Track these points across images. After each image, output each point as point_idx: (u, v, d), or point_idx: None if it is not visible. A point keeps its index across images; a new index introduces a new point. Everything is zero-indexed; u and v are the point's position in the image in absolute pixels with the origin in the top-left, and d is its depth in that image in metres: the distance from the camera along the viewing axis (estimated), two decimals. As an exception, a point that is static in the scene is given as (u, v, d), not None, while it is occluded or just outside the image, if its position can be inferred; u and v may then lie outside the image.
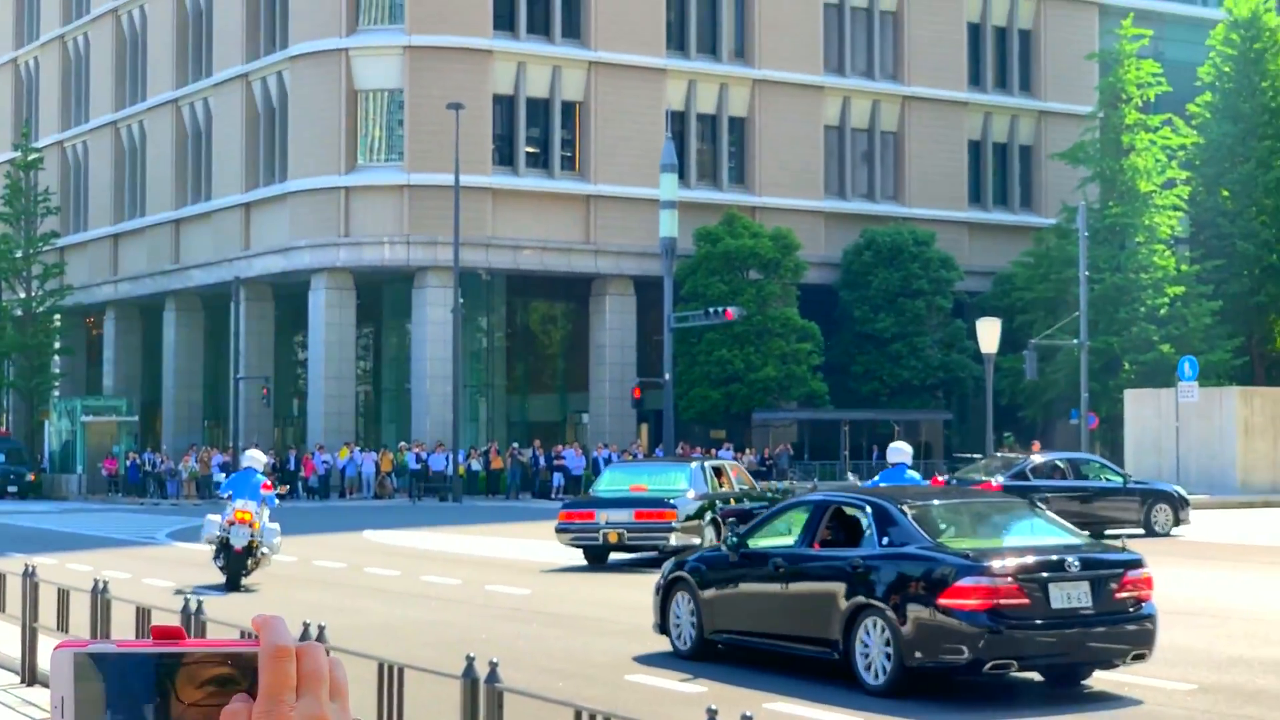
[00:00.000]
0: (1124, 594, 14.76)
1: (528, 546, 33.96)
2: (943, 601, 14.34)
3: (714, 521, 28.10)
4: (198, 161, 71.58)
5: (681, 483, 29.24)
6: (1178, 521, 36.89)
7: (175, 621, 13.99)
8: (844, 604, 15.22)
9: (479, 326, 67.41)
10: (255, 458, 26.52)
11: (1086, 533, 19.30)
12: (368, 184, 63.30)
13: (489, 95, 63.40)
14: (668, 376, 53.02)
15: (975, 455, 49.97)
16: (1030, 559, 14.66)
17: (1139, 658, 14.92)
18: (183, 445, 68.28)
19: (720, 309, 53.47)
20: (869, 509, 15.86)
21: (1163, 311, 63.52)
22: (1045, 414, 67.02)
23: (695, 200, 64.39)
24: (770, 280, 63.03)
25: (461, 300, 58.67)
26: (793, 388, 63.26)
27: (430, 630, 20.08)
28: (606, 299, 65.73)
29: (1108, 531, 34.22)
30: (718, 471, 30.83)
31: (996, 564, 14.48)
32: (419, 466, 60.58)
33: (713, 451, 57.11)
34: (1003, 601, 14.26)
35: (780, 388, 62.99)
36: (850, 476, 58.08)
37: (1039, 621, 14.36)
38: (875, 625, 14.90)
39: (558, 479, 60.98)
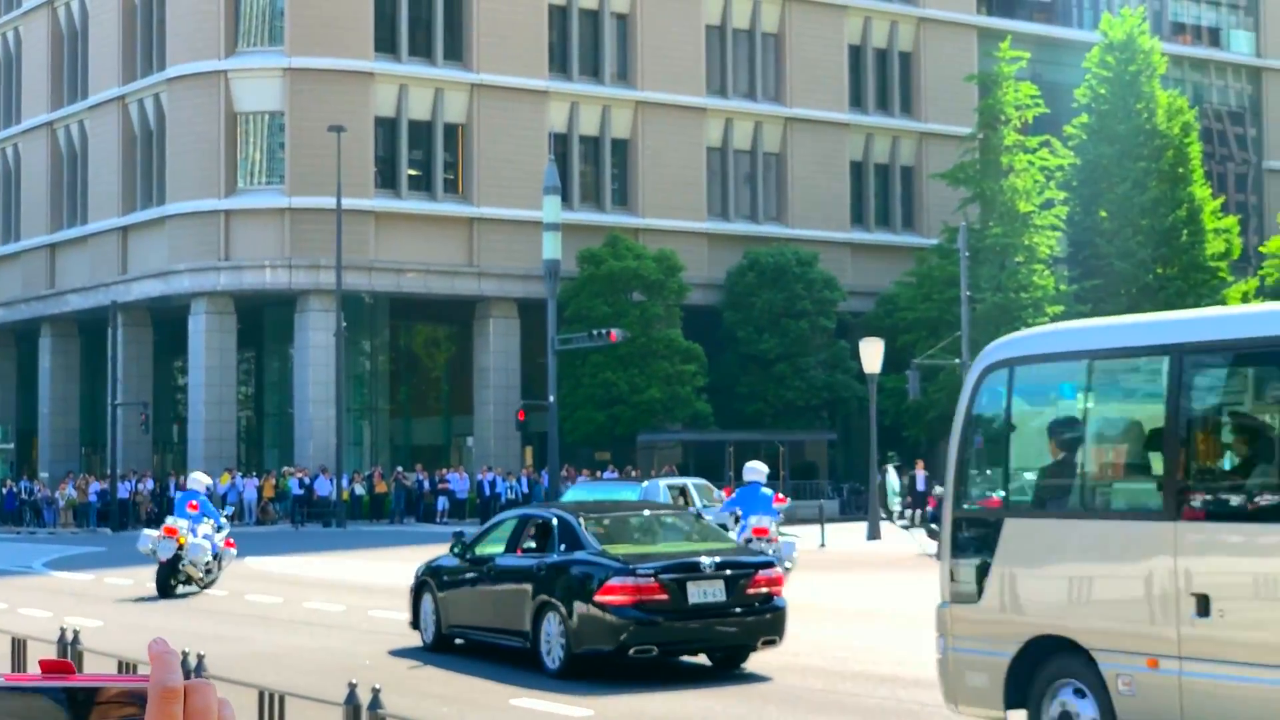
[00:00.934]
0: (755, 590, 17.61)
1: (412, 571, 33.63)
2: (598, 598, 17.39)
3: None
4: (73, 185, 70.60)
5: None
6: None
7: (52, 652, 13.64)
8: (532, 601, 18.31)
9: (362, 350, 66.94)
10: (197, 480, 30.15)
11: (735, 540, 22.74)
12: (248, 207, 62.67)
13: (370, 118, 63.01)
14: (552, 399, 52.83)
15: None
16: (671, 562, 17.77)
17: (769, 643, 17.78)
18: (60, 473, 67.20)
19: (604, 331, 53.37)
20: (555, 520, 19.03)
21: (1042, 330, 64.10)
22: (929, 433, 67.44)
23: (579, 222, 64.30)
24: (654, 302, 63.05)
25: (344, 324, 58.21)
26: (677, 409, 63.30)
27: (313, 657, 19.80)
28: (490, 322, 65.48)
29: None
30: (681, 491, 34.53)
31: (641, 567, 17.49)
32: (302, 492, 59.99)
33: (671, 467, 57.76)
34: (645, 598, 17.28)
35: (665, 409, 63.01)
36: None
37: (677, 614, 17.37)
38: (554, 619, 17.92)
39: (442, 503, 60.65)
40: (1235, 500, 11.34)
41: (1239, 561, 11.07)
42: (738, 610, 17.55)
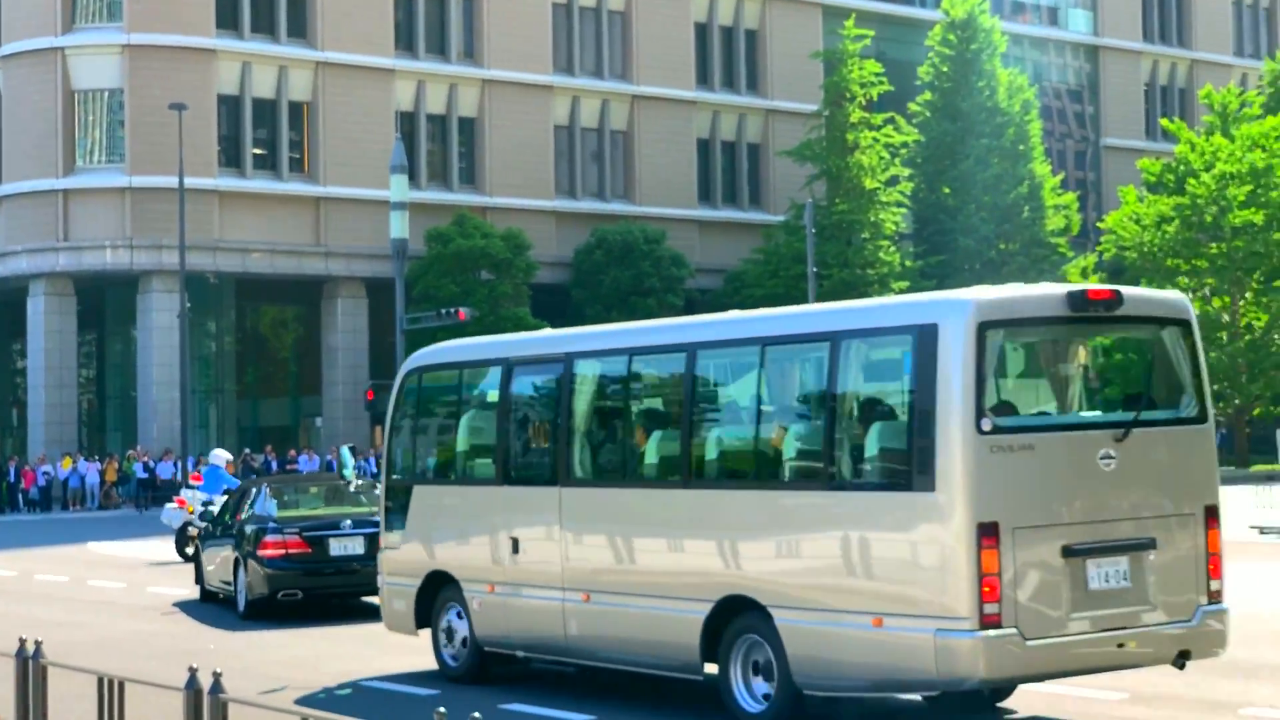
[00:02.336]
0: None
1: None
2: (259, 553, 22.11)
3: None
4: (-93, 165, 68.93)
5: None
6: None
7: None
8: (231, 556, 22.83)
9: (207, 331, 66.07)
10: (216, 455, 34.98)
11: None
12: (87, 187, 61.57)
13: (213, 95, 62.12)
14: (401, 378, 52.42)
15: None
16: (317, 522, 22.65)
17: None
18: (-104, 459, 65.69)
19: (452, 310, 53.00)
20: (252, 490, 24.32)
21: (888, 306, 64.69)
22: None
23: (426, 201, 63.88)
24: (502, 281, 62.86)
25: (188, 305, 57.36)
26: (527, 388, 63.07)
27: (155, 642, 19.54)
28: (338, 301, 64.93)
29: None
30: None
31: (289, 527, 22.29)
32: (146, 475, 59.15)
33: None
34: (291, 551, 22.06)
35: (515, 388, 62.74)
36: None
37: (320, 565, 22.16)
38: (242, 569, 22.42)
39: (291, 485, 60.05)
40: (530, 472, 15.77)
41: (530, 514, 15.36)
42: (371, 563, 20.24)
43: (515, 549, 15.39)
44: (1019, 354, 13.00)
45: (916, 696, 13.79)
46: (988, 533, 11.62)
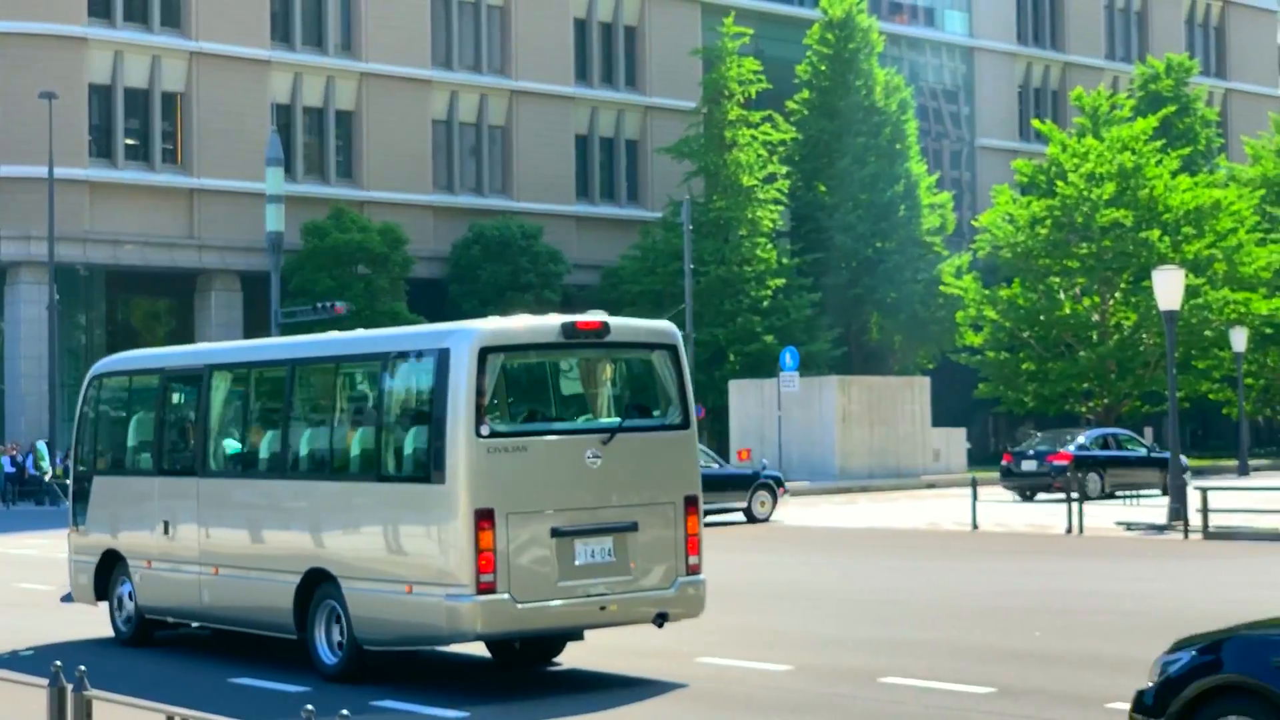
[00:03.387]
0: None
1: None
2: None
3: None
4: None
5: None
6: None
7: None
8: None
9: (77, 324, 65.12)
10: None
11: None
12: (-45, 176, 60.52)
13: (84, 85, 61.24)
14: (275, 373, 51.97)
15: None
16: None
17: None
18: None
19: (329, 304, 52.74)
20: None
21: (766, 303, 65.09)
22: (653, 405, 67.94)
23: (302, 194, 63.40)
24: (379, 275, 62.50)
25: (57, 297, 56.58)
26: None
27: (22, 638, 19.25)
28: (212, 295, 64.27)
29: (711, 519, 34.84)
30: None
31: None
32: (14, 469, 58.20)
33: None
34: None
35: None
36: None
37: None
38: None
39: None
40: (177, 464, 18.37)
41: (177, 501, 17.88)
42: None
43: (166, 530, 17.99)
44: (520, 373, 15.53)
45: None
46: (484, 517, 14.15)
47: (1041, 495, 44.40)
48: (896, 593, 22.45)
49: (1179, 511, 31.95)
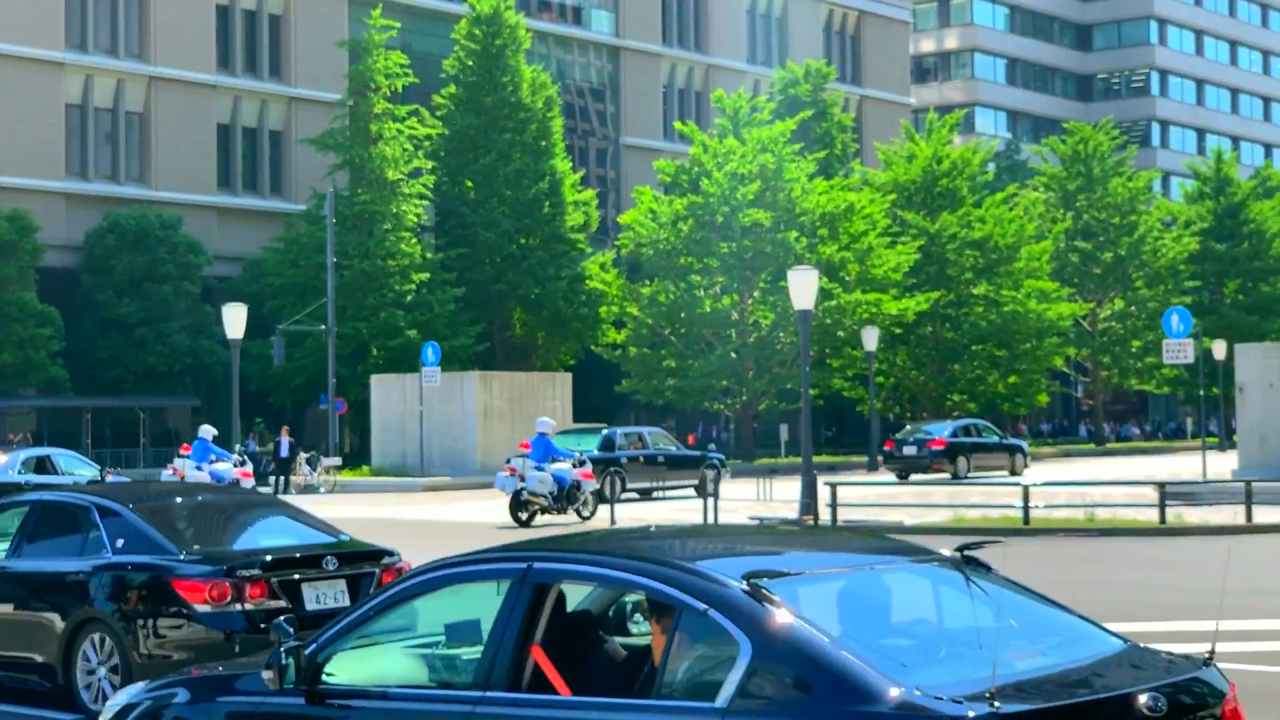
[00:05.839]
0: None
1: None
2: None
3: None
4: None
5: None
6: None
7: None
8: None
9: None
10: (204, 430, 42.39)
11: None
12: None
13: None
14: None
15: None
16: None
17: None
18: None
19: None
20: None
21: (409, 298, 64.70)
22: (295, 399, 67.03)
23: (-76, 177, 60.74)
24: (6, 263, 60.20)
25: None
26: (31, 374, 60.73)
27: None
28: None
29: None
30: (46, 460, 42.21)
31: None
32: None
33: (26, 435, 54.66)
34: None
35: (18, 374, 60.35)
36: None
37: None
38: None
39: None
40: None
41: None
42: None
43: None
44: None
45: None
46: None
47: (915, 475, 51.75)
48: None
49: (809, 506, 32.77)
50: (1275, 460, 40.63)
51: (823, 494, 32.75)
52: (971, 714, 5.66)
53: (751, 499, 41.47)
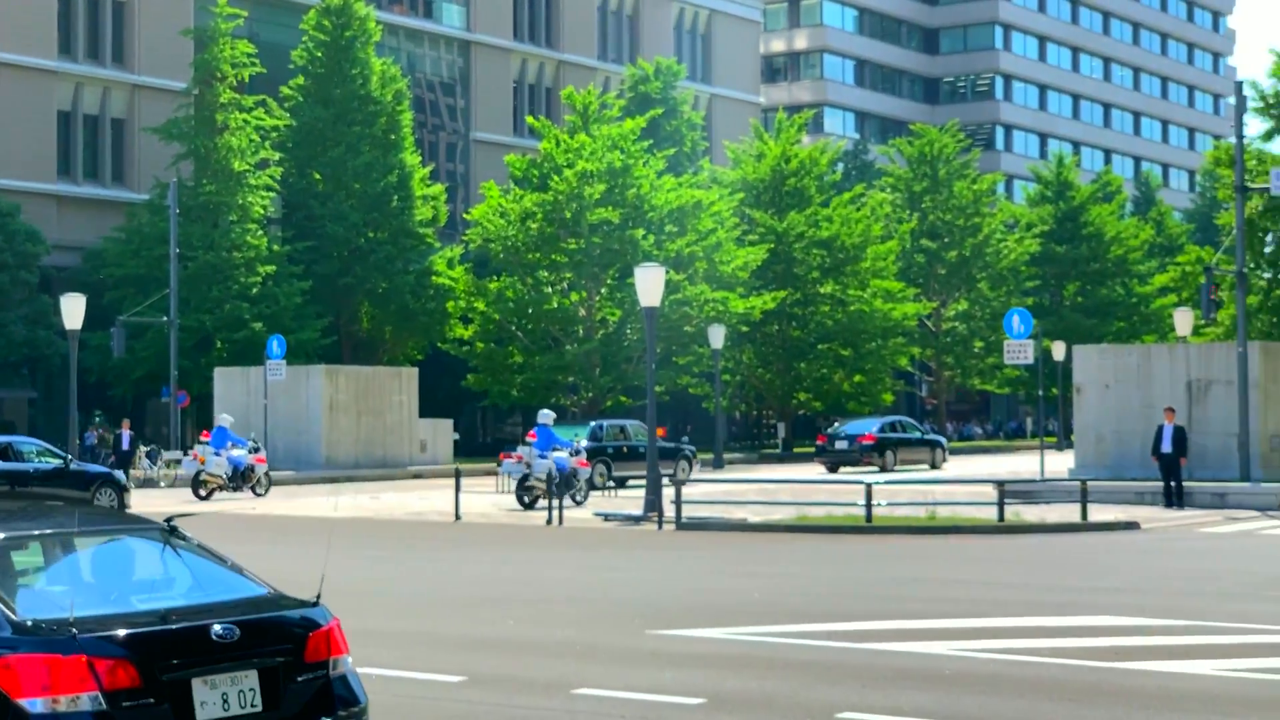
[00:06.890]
0: None
1: None
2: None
3: None
4: None
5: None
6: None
7: None
8: None
9: None
10: (223, 418, 45.49)
11: None
12: None
13: None
14: None
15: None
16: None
17: None
18: None
19: None
20: None
21: (255, 290, 64.03)
22: (136, 392, 66.07)
23: None
24: None
25: None
26: None
27: None
28: None
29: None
30: None
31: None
32: None
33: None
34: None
35: None
36: None
37: None
38: None
39: None
40: None
41: None
42: None
43: None
44: None
45: None
46: None
47: (845, 468, 55.34)
48: (375, 583, 22.31)
49: (654, 503, 32.90)
50: (1110, 459, 41.52)
51: (666, 492, 32.93)
52: (51, 630, 7.68)
53: (596, 494, 41.60)
